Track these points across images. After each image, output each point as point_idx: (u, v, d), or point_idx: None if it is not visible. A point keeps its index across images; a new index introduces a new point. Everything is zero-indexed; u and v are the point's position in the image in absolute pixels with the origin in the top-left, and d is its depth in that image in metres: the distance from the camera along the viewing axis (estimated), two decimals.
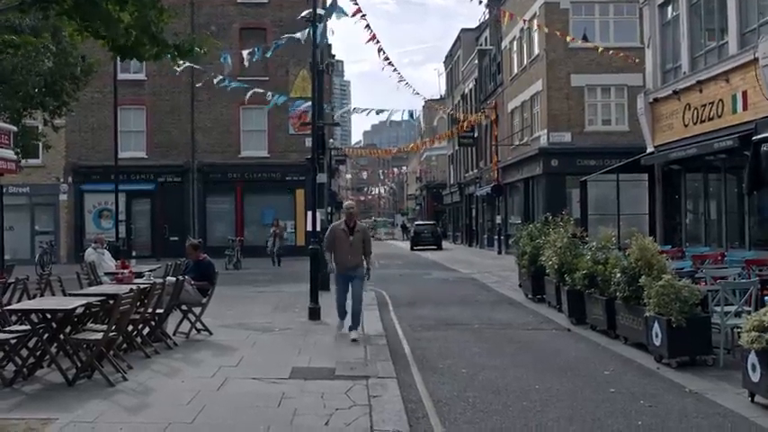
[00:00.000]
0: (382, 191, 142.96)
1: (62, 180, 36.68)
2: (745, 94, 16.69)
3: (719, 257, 14.92)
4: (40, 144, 27.81)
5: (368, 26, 20.88)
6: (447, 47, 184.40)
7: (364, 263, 12.17)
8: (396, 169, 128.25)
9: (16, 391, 8.21)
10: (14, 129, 19.36)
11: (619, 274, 11.21)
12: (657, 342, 9.74)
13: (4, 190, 25.58)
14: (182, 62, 10.50)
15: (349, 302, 12.12)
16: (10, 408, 7.43)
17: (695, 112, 19.11)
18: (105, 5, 7.28)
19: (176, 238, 34.57)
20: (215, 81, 25.30)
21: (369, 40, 21.31)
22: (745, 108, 16.72)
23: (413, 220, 78.79)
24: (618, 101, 32.33)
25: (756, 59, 15.78)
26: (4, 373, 8.54)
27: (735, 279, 11.50)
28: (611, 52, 27.95)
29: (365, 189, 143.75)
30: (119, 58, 9.59)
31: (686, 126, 19.66)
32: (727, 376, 8.82)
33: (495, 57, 45.19)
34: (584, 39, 30.48)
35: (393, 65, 24.45)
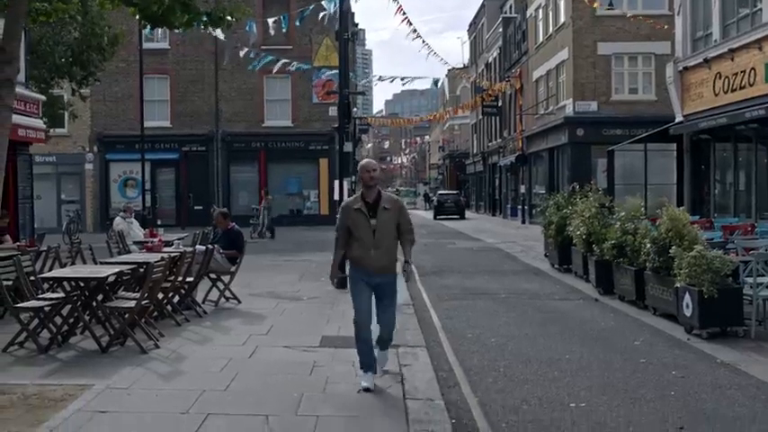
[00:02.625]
0: (404, 160, 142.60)
1: (87, 149, 36.90)
2: None
3: (749, 228, 14.77)
4: (66, 114, 27.95)
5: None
6: (467, 15, 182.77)
7: (399, 262, 7.26)
8: (418, 138, 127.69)
9: (51, 357, 8.33)
10: (43, 98, 19.47)
11: (649, 245, 11.14)
12: (688, 313, 9.68)
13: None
14: (211, 30, 10.36)
15: (374, 327, 7.22)
16: (46, 374, 7.54)
17: (726, 80, 18.83)
18: None
19: (200, 207, 34.76)
20: (241, 54, 25.14)
21: (396, 11, 21.11)
22: None
23: (435, 190, 78.58)
24: (645, 69, 31.89)
25: None
26: (39, 339, 8.66)
27: (766, 250, 11.38)
28: (638, 19, 27.54)
29: (387, 158, 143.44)
30: (148, 28, 9.57)
31: (716, 95, 19.38)
32: (758, 348, 8.78)
33: (520, 25, 44.69)
34: (611, 5, 30.04)
35: (420, 35, 24.22)
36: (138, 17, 8.93)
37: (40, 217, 28.66)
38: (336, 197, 16.18)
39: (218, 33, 19.21)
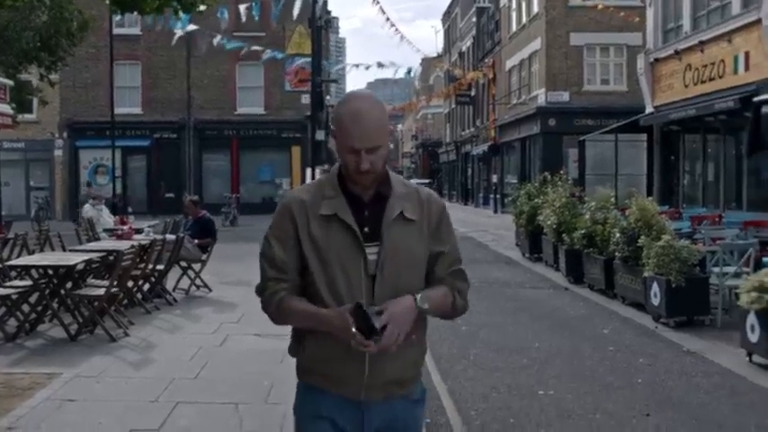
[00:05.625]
0: None
1: (57, 136, 36.44)
2: (747, 54, 16.60)
3: (717, 219, 14.96)
4: (35, 99, 27.56)
5: None
6: (438, 4, 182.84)
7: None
8: (391, 127, 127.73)
9: (19, 345, 8.25)
10: (10, 83, 19.19)
11: (618, 234, 11.26)
12: (656, 302, 9.80)
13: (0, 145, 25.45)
14: (180, 28, 10.18)
15: None
16: (13, 362, 7.47)
17: (696, 72, 19.02)
18: None
19: (172, 195, 34.45)
20: (214, 42, 24.96)
21: (373, 2, 21.04)
22: (746, 69, 16.64)
23: (408, 179, 78.48)
24: (617, 60, 32.08)
25: (760, 20, 15.67)
26: (6, 327, 8.57)
27: (733, 240, 11.54)
28: (610, 10, 27.70)
29: None
30: (118, 12, 9.48)
31: (686, 86, 19.58)
32: (724, 336, 8.89)
33: (493, 14, 44.75)
34: None
35: (393, 24, 24.19)
36: (108, 2, 8.84)
37: (8, 204, 28.31)
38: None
39: (181, 26, 18.89)
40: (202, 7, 9.15)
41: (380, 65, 27.22)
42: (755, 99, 14.77)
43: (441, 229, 2.69)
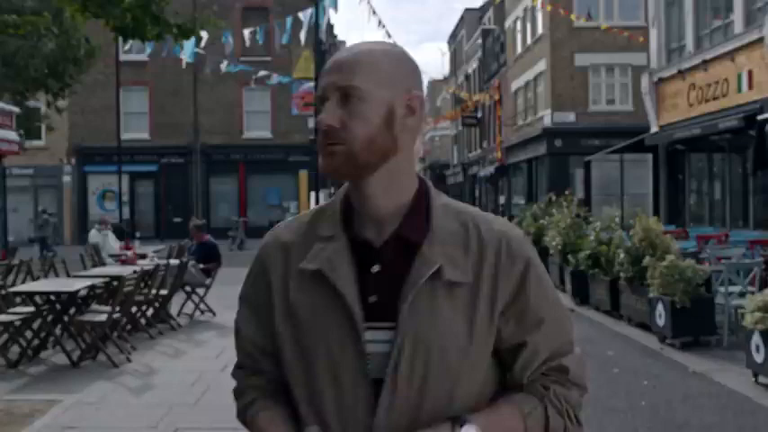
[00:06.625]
0: None
1: (65, 161, 36.66)
2: (750, 73, 16.58)
3: (723, 238, 14.88)
4: (43, 126, 27.77)
5: (373, 11, 20.77)
6: (445, 28, 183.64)
7: None
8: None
9: (21, 372, 8.25)
10: (17, 110, 19.35)
11: (622, 255, 11.20)
12: (661, 322, 9.73)
13: (8, 172, 25.58)
14: (187, 57, 10.24)
15: None
16: (15, 389, 7.46)
17: (700, 91, 19.00)
18: None
19: (180, 219, 34.56)
20: (222, 67, 25.14)
21: (379, 26, 21.11)
22: (750, 87, 16.62)
23: None
24: (622, 80, 32.13)
25: (762, 38, 15.67)
26: (8, 354, 8.57)
27: (739, 260, 11.48)
28: (614, 31, 27.77)
29: None
30: (121, 39, 9.59)
31: (691, 106, 19.56)
32: (730, 357, 8.81)
33: (498, 36, 44.94)
34: (589, 17, 30.27)
35: (399, 47, 24.22)
36: (109, 29, 8.92)
37: (16, 230, 28.46)
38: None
39: (187, 54, 19.00)
40: (204, 34, 9.22)
41: None
42: (759, 117, 14.74)
43: (522, 299, 1.51)
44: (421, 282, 1.45)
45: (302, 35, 21.22)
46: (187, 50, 18.75)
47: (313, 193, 16.56)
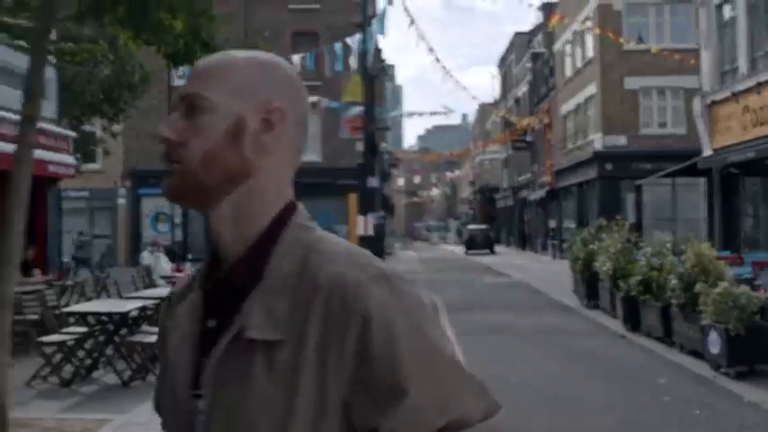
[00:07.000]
0: (435, 193, 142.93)
1: (120, 184, 37.43)
2: None
3: None
4: (100, 150, 28.41)
5: (421, 37, 20.93)
6: (495, 51, 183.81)
7: None
8: (449, 173, 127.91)
9: (73, 391, 8.40)
10: (73, 134, 19.83)
11: (674, 281, 11.00)
12: (714, 350, 9.51)
13: (64, 194, 26.22)
14: None
15: None
16: (67, 408, 7.60)
17: (754, 114, 18.65)
18: (157, 14, 7.44)
19: None
20: None
21: (429, 51, 21.32)
22: None
23: (465, 225, 78.57)
24: (674, 103, 31.72)
25: None
26: (62, 373, 8.74)
27: None
28: (665, 53, 27.48)
29: (418, 193, 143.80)
30: (172, 65, 9.80)
31: (745, 129, 19.19)
32: None
33: (548, 60, 44.81)
34: (639, 40, 30.00)
35: (449, 72, 24.42)
36: (161, 56, 9.12)
37: (70, 252, 29.04)
38: (361, 231, 16.17)
39: None
40: None
41: (434, 113, 27.39)
42: None
43: (366, 366, 1.13)
44: (224, 342, 1.18)
45: (351, 60, 21.49)
46: None
47: (361, 217, 16.59)
